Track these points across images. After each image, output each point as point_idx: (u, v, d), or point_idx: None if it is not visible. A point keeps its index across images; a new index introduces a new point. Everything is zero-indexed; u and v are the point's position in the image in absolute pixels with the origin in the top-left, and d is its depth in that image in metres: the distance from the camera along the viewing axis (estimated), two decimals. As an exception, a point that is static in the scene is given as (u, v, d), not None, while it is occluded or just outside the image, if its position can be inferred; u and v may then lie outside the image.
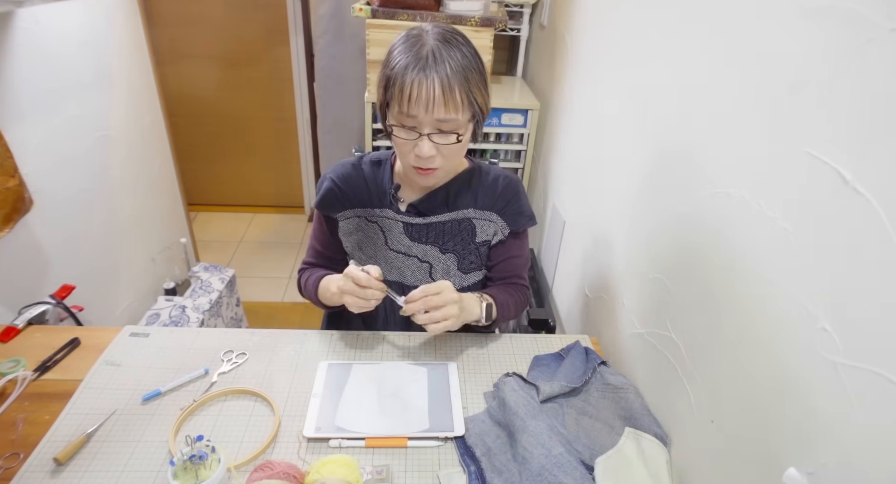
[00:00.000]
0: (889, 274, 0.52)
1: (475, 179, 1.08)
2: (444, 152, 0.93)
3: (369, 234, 1.10)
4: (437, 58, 0.87)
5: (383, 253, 1.11)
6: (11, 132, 1.29)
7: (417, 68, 0.87)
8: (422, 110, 0.88)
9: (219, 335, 1.10)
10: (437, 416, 0.94)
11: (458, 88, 0.88)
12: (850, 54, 0.56)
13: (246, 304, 2.31)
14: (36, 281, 1.44)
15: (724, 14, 0.80)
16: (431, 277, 1.11)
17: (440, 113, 0.88)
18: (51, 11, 1.46)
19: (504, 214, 1.09)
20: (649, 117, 1.05)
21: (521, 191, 1.11)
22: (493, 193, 1.08)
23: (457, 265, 1.11)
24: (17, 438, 0.87)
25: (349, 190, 1.08)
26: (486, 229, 1.09)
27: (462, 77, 0.88)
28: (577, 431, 0.94)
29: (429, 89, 0.86)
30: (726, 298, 0.77)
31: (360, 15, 1.75)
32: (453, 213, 1.08)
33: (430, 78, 0.86)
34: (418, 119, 0.89)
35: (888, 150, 0.52)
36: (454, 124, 0.91)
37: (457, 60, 0.88)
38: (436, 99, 0.87)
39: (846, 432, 0.56)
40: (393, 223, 1.08)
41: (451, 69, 0.87)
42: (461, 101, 0.89)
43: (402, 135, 0.92)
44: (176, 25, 2.78)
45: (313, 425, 0.90)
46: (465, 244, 1.10)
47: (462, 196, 1.08)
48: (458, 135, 0.92)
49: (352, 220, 1.10)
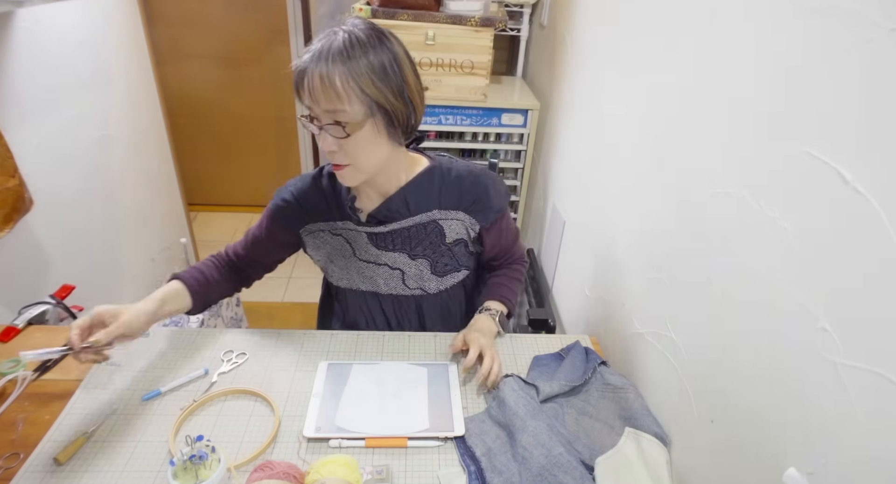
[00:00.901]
0: (889, 274, 0.52)
1: (437, 179, 1.04)
2: (344, 147, 0.89)
3: (336, 248, 1.08)
4: (326, 46, 0.85)
5: (353, 264, 1.09)
6: (11, 132, 1.29)
7: (308, 58, 0.85)
8: (308, 100, 0.87)
9: (219, 335, 1.10)
10: (437, 416, 0.94)
11: (337, 76, 0.84)
12: (850, 54, 0.56)
13: (246, 304, 2.31)
14: (36, 281, 1.43)
15: (723, 14, 0.80)
16: (405, 283, 1.10)
17: (324, 103, 0.85)
18: (51, 11, 1.46)
19: (471, 211, 1.05)
20: (649, 117, 1.05)
21: (490, 184, 1.06)
22: (457, 192, 1.04)
23: (430, 269, 1.09)
24: (17, 438, 0.87)
25: (309, 205, 1.05)
26: (454, 229, 1.06)
27: (347, 67, 0.84)
28: (577, 431, 0.94)
29: (311, 78, 0.85)
30: (726, 298, 0.77)
31: (360, 15, 1.75)
32: (417, 217, 1.04)
33: (314, 67, 0.84)
34: (313, 110, 0.88)
35: (888, 149, 0.52)
36: (345, 116, 0.86)
37: (346, 48, 0.85)
38: (315, 87, 0.84)
39: (846, 432, 0.56)
40: (357, 234, 1.06)
41: (333, 58, 0.84)
42: (343, 91, 0.84)
43: (310, 127, 0.90)
44: (176, 25, 2.78)
45: (313, 425, 0.90)
46: (434, 247, 1.06)
47: (423, 198, 1.03)
48: (343, 126, 0.87)
49: (317, 235, 1.08)
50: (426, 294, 1.12)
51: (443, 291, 1.13)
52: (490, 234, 1.09)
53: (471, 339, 1.03)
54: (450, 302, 1.16)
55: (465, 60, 1.80)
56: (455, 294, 1.16)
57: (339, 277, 1.12)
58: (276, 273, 1.20)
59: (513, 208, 2.12)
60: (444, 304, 1.15)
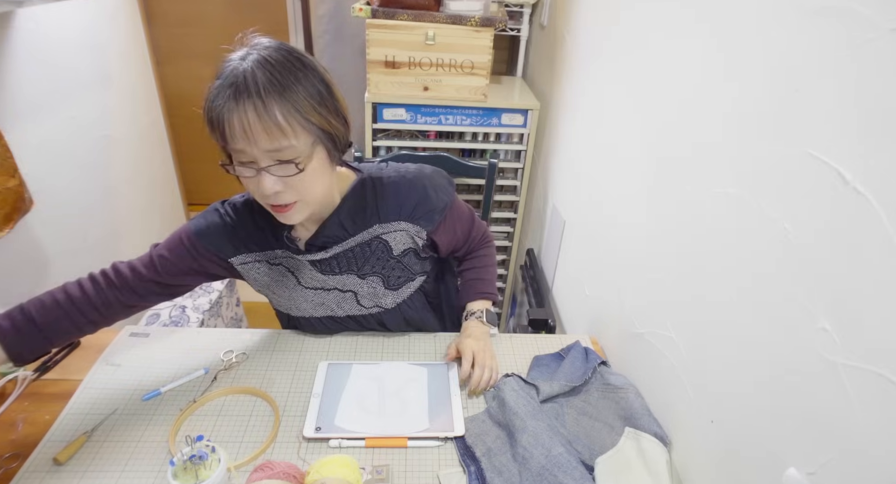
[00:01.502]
0: (889, 274, 0.52)
1: (369, 192, 0.96)
2: (292, 185, 0.80)
3: (276, 278, 1.01)
4: (251, 80, 0.74)
5: (299, 293, 1.03)
6: (11, 132, 1.29)
7: (228, 96, 0.74)
8: (243, 143, 0.76)
9: (219, 335, 1.10)
10: (437, 416, 0.94)
11: (277, 110, 0.74)
12: (850, 54, 0.56)
13: (246, 304, 2.31)
14: (36, 281, 1.44)
15: (723, 14, 0.80)
16: (360, 304, 1.05)
17: (263, 143, 0.75)
18: (51, 11, 1.46)
19: (413, 219, 0.98)
20: (649, 117, 1.05)
21: (427, 183, 0.99)
22: (395, 201, 0.97)
23: (383, 285, 1.03)
24: (17, 438, 0.87)
25: (242, 232, 0.96)
26: (400, 240, 0.99)
27: (281, 97, 0.75)
28: (577, 431, 0.94)
29: (241, 118, 0.74)
30: (726, 298, 0.77)
31: (360, 15, 1.75)
32: (357, 237, 0.97)
33: (241, 104, 0.73)
34: (247, 153, 0.77)
35: (888, 150, 0.52)
36: (292, 152, 0.77)
37: (276, 79, 0.75)
38: (252, 127, 0.74)
39: (846, 432, 0.56)
40: (298, 263, 0.98)
41: (266, 90, 0.74)
42: (287, 125, 0.75)
43: (242, 172, 0.80)
44: (176, 25, 2.78)
45: (313, 425, 0.90)
46: (383, 262, 1.00)
47: (360, 214, 0.96)
48: (296, 163, 0.78)
49: (251, 266, 0.99)
50: (384, 309, 1.07)
51: (401, 303, 1.07)
52: (441, 234, 1.03)
53: (463, 347, 1.02)
54: (410, 311, 1.10)
55: (465, 60, 1.80)
56: (414, 302, 1.10)
57: (287, 307, 1.06)
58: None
59: (512, 208, 2.12)
60: (405, 314, 1.10)
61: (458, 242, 1.10)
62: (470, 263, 1.16)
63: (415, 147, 1.92)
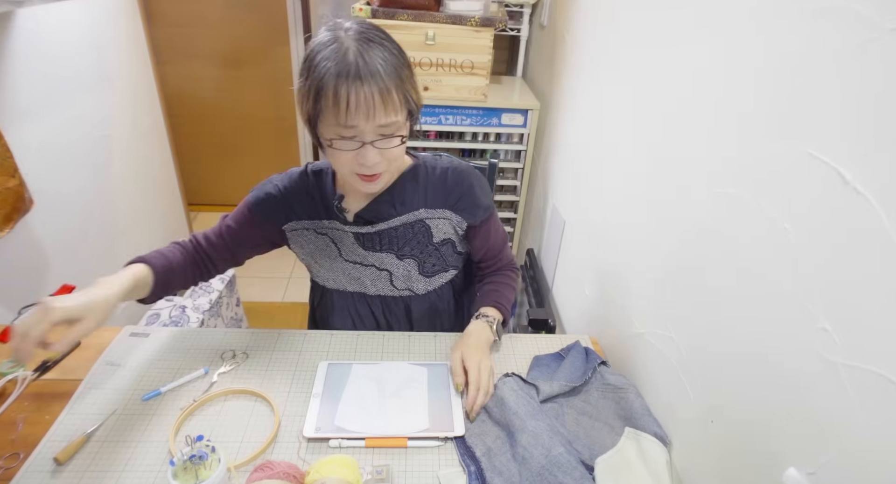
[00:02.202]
0: (889, 274, 0.52)
1: (421, 177, 1.02)
2: (388, 156, 0.89)
3: (321, 247, 1.06)
4: (367, 61, 0.81)
5: (339, 264, 1.08)
6: (11, 132, 1.29)
7: (351, 76, 0.81)
8: (361, 119, 0.83)
9: (219, 335, 1.10)
10: (437, 416, 0.94)
11: (394, 90, 0.83)
12: (850, 54, 0.56)
13: (246, 304, 2.31)
14: (36, 281, 1.44)
15: (723, 14, 0.80)
16: (392, 284, 1.09)
17: (381, 119, 0.84)
18: (51, 11, 1.46)
19: (458, 210, 1.04)
20: (649, 117, 1.05)
21: (474, 181, 1.05)
22: (442, 189, 1.03)
23: (418, 270, 1.08)
24: (17, 438, 0.87)
25: (295, 201, 1.03)
26: (441, 228, 1.05)
27: (396, 77, 0.84)
28: (577, 431, 0.94)
29: (367, 97, 0.81)
30: (726, 298, 0.77)
31: (360, 15, 1.75)
32: (403, 217, 1.02)
33: (367, 84, 0.81)
34: (359, 128, 0.84)
35: (888, 149, 0.52)
36: (395, 127, 0.87)
37: (386, 60, 0.83)
38: (376, 106, 0.82)
39: (846, 432, 0.56)
40: (343, 234, 1.04)
41: (385, 71, 0.82)
42: (399, 103, 0.85)
43: (343, 147, 0.86)
44: (176, 25, 2.78)
45: (313, 425, 0.90)
46: (422, 247, 1.05)
47: (410, 196, 1.02)
48: (401, 137, 0.88)
49: (300, 233, 1.05)
50: (414, 295, 1.12)
51: (431, 292, 1.12)
52: (478, 233, 1.08)
53: (470, 363, 0.98)
54: (438, 302, 1.15)
55: (465, 60, 1.80)
56: (443, 294, 1.15)
57: (325, 278, 1.11)
58: (276, 273, 1.21)
59: (512, 208, 2.12)
60: (433, 303, 1.15)
61: (489, 251, 1.13)
62: (493, 278, 1.16)
63: (415, 147, 1.92)
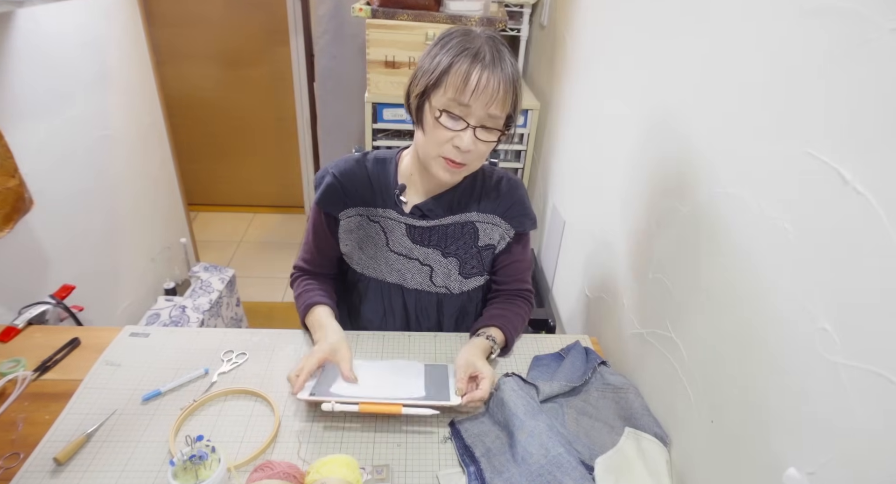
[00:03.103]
0: (889, 274, 0.52)
1: (479, 182, 1.07)
2: (479, 148, 0.93)
3: (370, 234, 1.07)
4: (498, 57, 0.89)
5: (384, 254, 1.08)
6: (11, 132, 1.29)
7: (485, 62, 0.87)
8: (481, 103, 0.88)
9: (219, 335, 1.10)
10: (433, 387, 0.96)
11: (512, 91, 0.90)
12: (850, 54, 0.56)
13: (246, 304, 2.31)
14: (36, 281, 1.43)
15: (724, 14, 0.80)
16: (432, 280, 1.10)
17: (496, 109, 0.89)
18: (51, 11, 1.46)
19: (508, 217, 1.08)
20: (649, 117, 1.05)
21: (524, 192, 1.11)
22: (496, 196, 1.07)
23: (458, 269, 1.09)
24: (17, 438, 0.87)
25: (352, 187, 1.05)
26: (489, 233, 1.08)
27: (516, 82, 0.91)
28: (577, 431, 0.94)
29: (496, 83, 0.87)
30: (726, 298, 0.77)
31: (360, 15, 1.75)
32: (457, 217, 1.06)
33: (497, 73, 0.87)
34: (471, 109, 0.88)
35: (888, 149, 0.52)
36: (498, 123, 0.92)
37: (513, 64, 0.91)
38: (499, 94, 0.88)
39: (846, 432, 0.56)
40: (395, 224, 1.06)
41: (512, 71, 0.90)
42: (510, 104, 0.91)
43: (447, 123, 0.90)
44: (176, 25, 2.78)
45: (308, 391, 0.91)
46: (467, 248, 1.08)
47: (467, 199, 1.06)
48: (501, 133, 0.94)
49: (353, 219, 1.07)
50: (449, 293, 1.12)
51: (464, 292, 1.13)
52: (515, 246, 1.11)
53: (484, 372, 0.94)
54: (468, 303, 1.16)
55: (465, 60, 1.80)
56: (474, 296, 1.16)
57: (364, 265, 1.10)
58: (276, 273, 1.21)
59: (513, 208, 2.12)
60: (463, 304, 1.15)
61: (513, 272, 1.14)
62: (507, 306, 1.12)
63: (415, 147, 1.92)
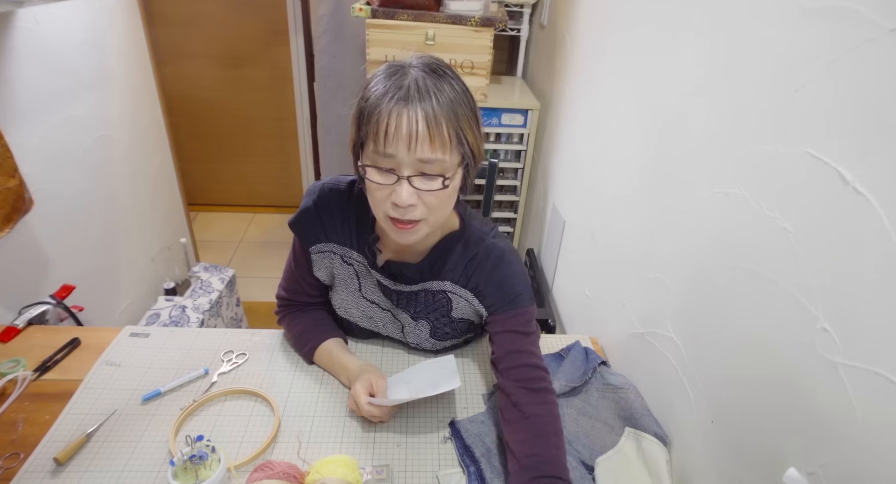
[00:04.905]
0: (889, 274, 0.52)
1: (459, 247, 0.91)
2: (427, 201, 0.77)
3: (343, 277, 0.99)
4: (422, 88, 0.74)
5: (356, 299, 1.01)
6: (11, 132, 1.29)
7: (397, 98, 0.73)
8: (402, 148, 0.73)
9: (219, 335, 1.10)
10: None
11: (445, 123, 0.74)
12: (850, 54, 0.56)
13: (246, 304, 2.31)
14: (36, 281, 1.43)
15: (724, 14, 0.80)
16: (403, 334, 1.04)
17: (424, 151, 0.73)
18: (51, 11, 1.46)
19: (479, 294, 0.92)
20: (649, 117, 1.05)
21: (512, 270, 0.91)
22: (472, 268, 0.91)
23: (429, 333, 1.01)
24: (17, 438, 0.87)
25: (329, 222, 0.93)
26: (461, 307, 0.96)
27: (451, 111, 0.74)
28: (577, 431, 0.94)
29: (411, 122, 0.72)
30: (726, 297, 0.77)
31: (360, 15, 1.75)
32: (428, 283, 0.94)
33: (413, 109, 0.72)
34: (397, 158, 0.74)
35: (888, 149, 0.52)
36: (441, 166, 0.75)
37: (445, 92, 0.75)
38: (419, 134, 0.72)
39: (846, 432, 0.56)
40: (367, 273, 0.96)
41: (438, 101, 0.74)
42: (449, 139, 0.75)
43: (376, 178, 0.76)
44: (176, 25, 2.78)
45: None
46: (439, 316, 0.98)
47: (442, 266, 0.92)
48: (444, 178, 0.76)
49: (327, 255, 0.96)
50: (422, 349, 1.07)
51: (439, 350, 1.07)
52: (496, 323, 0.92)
53: None
54: (451, 349, 1.10)
55: (465, 60, 1.80)
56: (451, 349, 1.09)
57: (338, 306, 1.04)
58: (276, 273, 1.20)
59: (512, 208, 2.12)
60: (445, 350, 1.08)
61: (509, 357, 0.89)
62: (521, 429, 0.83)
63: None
